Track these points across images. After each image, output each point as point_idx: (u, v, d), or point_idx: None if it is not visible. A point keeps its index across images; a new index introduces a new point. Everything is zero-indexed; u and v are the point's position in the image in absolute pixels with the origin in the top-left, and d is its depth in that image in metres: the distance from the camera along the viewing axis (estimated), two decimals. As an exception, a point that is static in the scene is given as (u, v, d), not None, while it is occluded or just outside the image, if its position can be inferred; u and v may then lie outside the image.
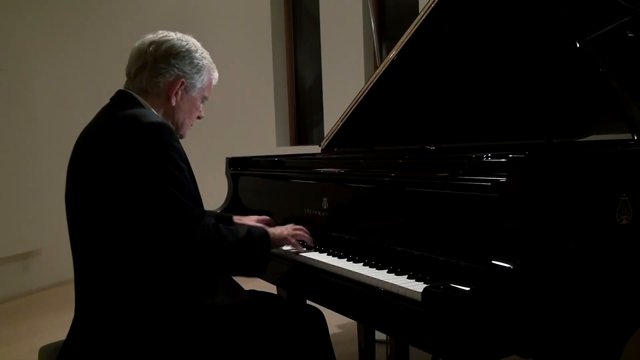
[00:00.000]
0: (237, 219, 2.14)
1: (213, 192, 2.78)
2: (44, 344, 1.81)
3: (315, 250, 1.89)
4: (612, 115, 2.08)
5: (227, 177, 2.61)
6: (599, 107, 2.51)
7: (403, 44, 2.18)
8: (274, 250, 1.82)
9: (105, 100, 1.73)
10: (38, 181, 4.94)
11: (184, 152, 1.60)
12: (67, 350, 1.58)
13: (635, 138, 1.66)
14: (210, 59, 1.82)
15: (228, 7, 5.25)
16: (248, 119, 5.12)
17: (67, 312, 1.67)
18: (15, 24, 4.77)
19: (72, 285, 1.65)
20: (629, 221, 1.46)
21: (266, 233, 1.73)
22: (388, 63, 2.24)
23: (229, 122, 5.09)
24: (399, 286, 1.43)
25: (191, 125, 1.84)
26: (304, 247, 1.91)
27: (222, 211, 2.48)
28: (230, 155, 2.63)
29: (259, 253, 1.69)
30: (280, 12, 5.22)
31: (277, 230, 1.83)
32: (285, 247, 1.91)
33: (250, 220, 2.13)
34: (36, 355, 1.78)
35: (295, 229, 1.88)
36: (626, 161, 1.56)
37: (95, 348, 1.52)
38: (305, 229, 1.92)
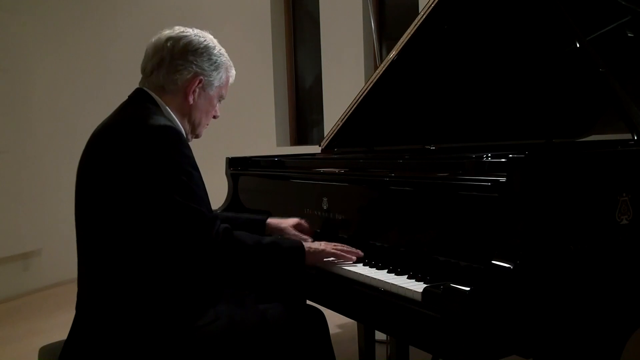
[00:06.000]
0: (275, 221, 2.01)
1: (213, 192, 2.78)
2: (44, 344, 1.81)
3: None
4: (612, 115, 2.08)
5: (227, 177, 2.61)
6: (599, 107, 2.51)
7: (403, 44, 2.18)
8: None
9: (105, 100, 1.72)
10: (38, 181, 4.94)
11: (193, 156, 1.57)
12: (68, 350, 1.58)
13: (635, 138, 1.66)
14: (228, 57, 1.78)
15: (228, 7, 5.25)
16: (248, 119, 5.12)
17: (67, 312, 1.67)
18: (15, 24, 4.77)
19: (72, 286, 1.64)
20: (629, 221, 1.46)
21: (300, 245, 1.66)
22: (388, 63, 2.24)
23: (229, 122, 5.08)
24: (399, 286, 1.43)
25: (207, 125, 1.80)
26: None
27: (222, 212, 2.47)
28: (230, 155, 2.63)
29: (287, 266, 1.63)
30: (280, 12, 5.22)
31: (314, 245, 1.72)
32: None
33: (288, 223, 2.00)
34: (36, 355, 1.78)
35: (336, 248, 1.71)
36: (626, 161, 1.56)
37: (97, 348, 1.52)
38: (350, 249, 1.73)
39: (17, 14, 4.81)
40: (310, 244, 1.71)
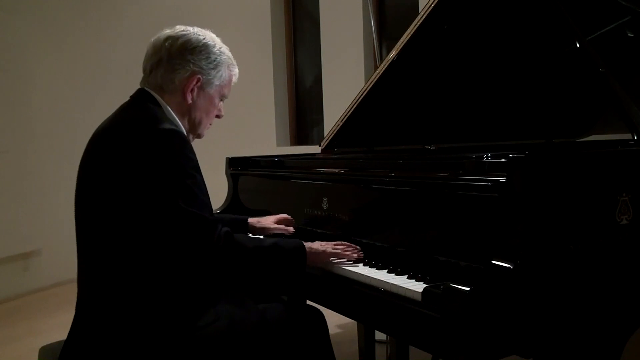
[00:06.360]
0: (254, 220, 2.06)
1: (213, 192, 2.78)
2: (44, 344, 1.81)
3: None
4: (612, 115, 2.08)
5: (227, 177, 2.61)
6: (599, 107, 2.51)
7: (403, 44, 2.18)
8: None
9: (105, 100, 1.72)
10: (38, 181, 4.94)
11: (196, 159, 1.57)
12: (68, 350, 1.58)
13: (635, 138, 1.66)
14: (230, 55, 1.75)
15: (228, 7, 5.25)
16: (248, 119, 5.12)
17: (67, 312, 1.66)
18: (15, 24, 4.77)
19: (72, 286, 1.64)
20: (629, 221, 1.46)
21: (301, 246, 1.65)
22: (388, 63, 2.24)
23: (229, 122, 5.07)
24: (399, 286, 1.43)
25: (210, 125, 1.79)
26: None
27: (222, 211, 2.48)
28: (230, 155, 2.63)
29: (288, 267, 1.62)
30: (280, 12, 5.21)
31: (314, 245, 1.70)
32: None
33: (269, 220, 2.06)
34: (36, 355, 1.78)
35: (337, 246, 1.72)
36: (626, 161, 1.56)
37: (97, 348, 1.52)
38: (352, 246, 1.73)
39: (17, 14, 4.81)
40: (311, 245, 1.70)
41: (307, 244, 1.68)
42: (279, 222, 2.08)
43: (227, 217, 2.11)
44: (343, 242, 1.75)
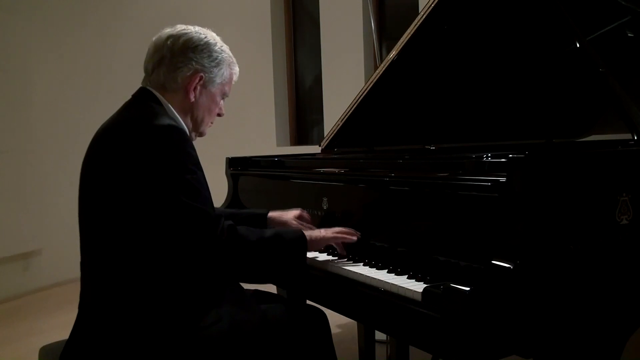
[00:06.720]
0: (276, 214, 2.01)
1: (213, 192, 2.78)
2: (44, 344, 1.81)
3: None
4: (612, 115, 2.08)
5: (227, 177, 2.62)
6: (599, 107, 2.51)
7: (403, 44, 2.19)
8: None
9: (105, 100, 1.72)
10: (38, 181, 4.94)
11: (197, 155, 1.57)
12: (69, 349, 1.58)
13: (635, 138, 1.66)
14: (230, 53, 1.77)
15: (228, 8, 5.26)
16: (248, 119, 5.12)
17: (67, 312, 1.66)
18: (15, 24, 4.77)
19: (73, 286, 1.64)
20: (629, 221, 1.46)
21: (301, 234, 1.67)
22: (388, 63, 2.25)
23: (229, 122, 5.06)
24: (399, 286, 1.43)
25: (211, 123, 1.79)
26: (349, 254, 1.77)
27: (224, 208, 2.47)
28: (230, 155, 2.63)
29: (291, 256, 1.63)
30: (280, 12, 5.22)
31: (314, 232, 1.74)
32: (320, 257, 1.81)
33: (290, 216, 2.00)
34: (36, 355, 1.78)
35: (335, 232, 1.75)
36: (626, 161, 1.56)
37: (99, 348, 1.52)
38: (352, 230, 1.77)
39: (17, 14, 4.81)
40: (310, 232, 1.72)
41: (307, 232, 1.70)
42: (298, 218, 2.00)
43: (244, 212, 2.09)
44: (342, 228, 1.77)
